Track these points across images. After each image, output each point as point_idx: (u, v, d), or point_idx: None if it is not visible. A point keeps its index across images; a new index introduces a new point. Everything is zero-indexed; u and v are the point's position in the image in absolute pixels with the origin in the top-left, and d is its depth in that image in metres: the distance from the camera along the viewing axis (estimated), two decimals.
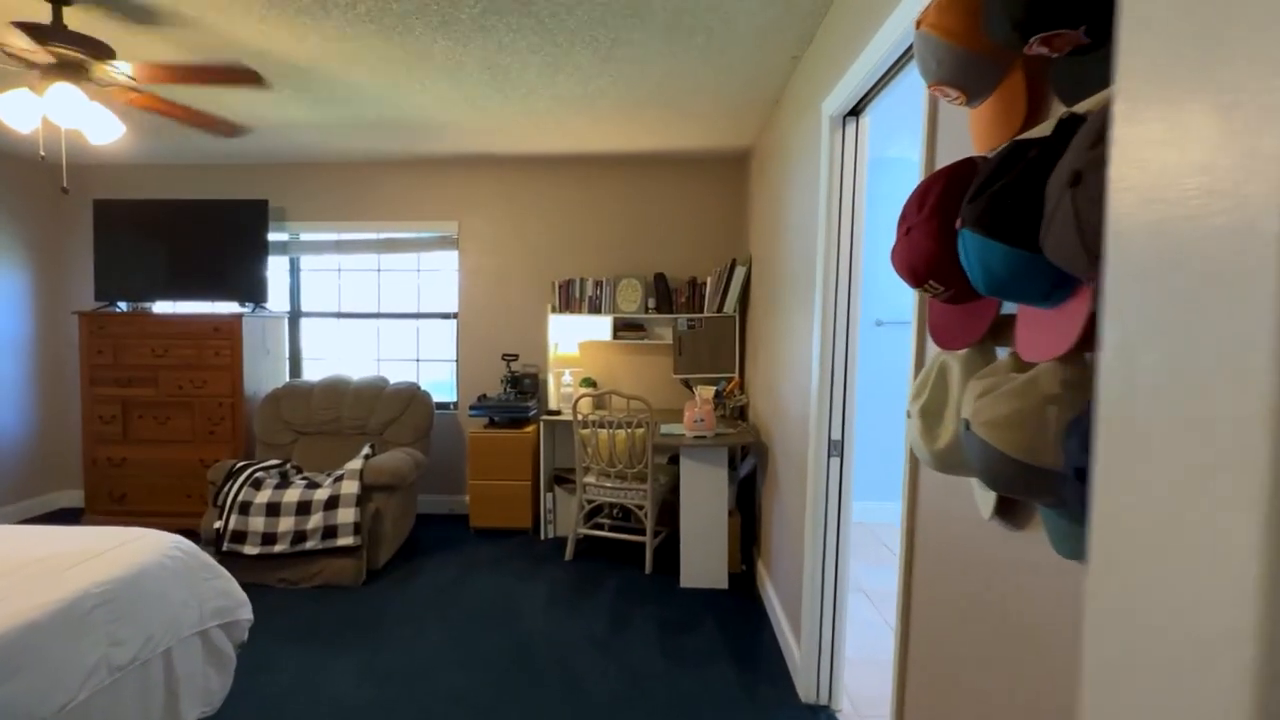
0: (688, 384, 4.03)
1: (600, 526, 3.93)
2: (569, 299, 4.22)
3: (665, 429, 3.46)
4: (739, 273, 3.97)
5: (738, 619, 2.92)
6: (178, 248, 4.12)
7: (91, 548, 1.70)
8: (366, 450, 3.58)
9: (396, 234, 4.45)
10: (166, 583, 1.70)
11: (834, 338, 2.27)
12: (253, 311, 4.06)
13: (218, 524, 3.15)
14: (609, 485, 3.53)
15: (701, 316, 4.12)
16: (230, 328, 3.92)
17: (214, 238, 4.10)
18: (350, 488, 3.25)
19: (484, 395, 4.15)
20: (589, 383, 4.30)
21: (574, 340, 4.31)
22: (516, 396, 4.13)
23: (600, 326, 4.24)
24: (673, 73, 2.79)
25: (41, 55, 1.94)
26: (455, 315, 4.50)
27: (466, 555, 3.67)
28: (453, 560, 3.59)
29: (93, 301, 4.26)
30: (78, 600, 1.47)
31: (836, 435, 2.28)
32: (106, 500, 3.99)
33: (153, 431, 3.96)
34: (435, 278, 4.58)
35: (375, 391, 3.97)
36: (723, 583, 3.25)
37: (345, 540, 3.16)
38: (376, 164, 4.41)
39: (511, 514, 3.99)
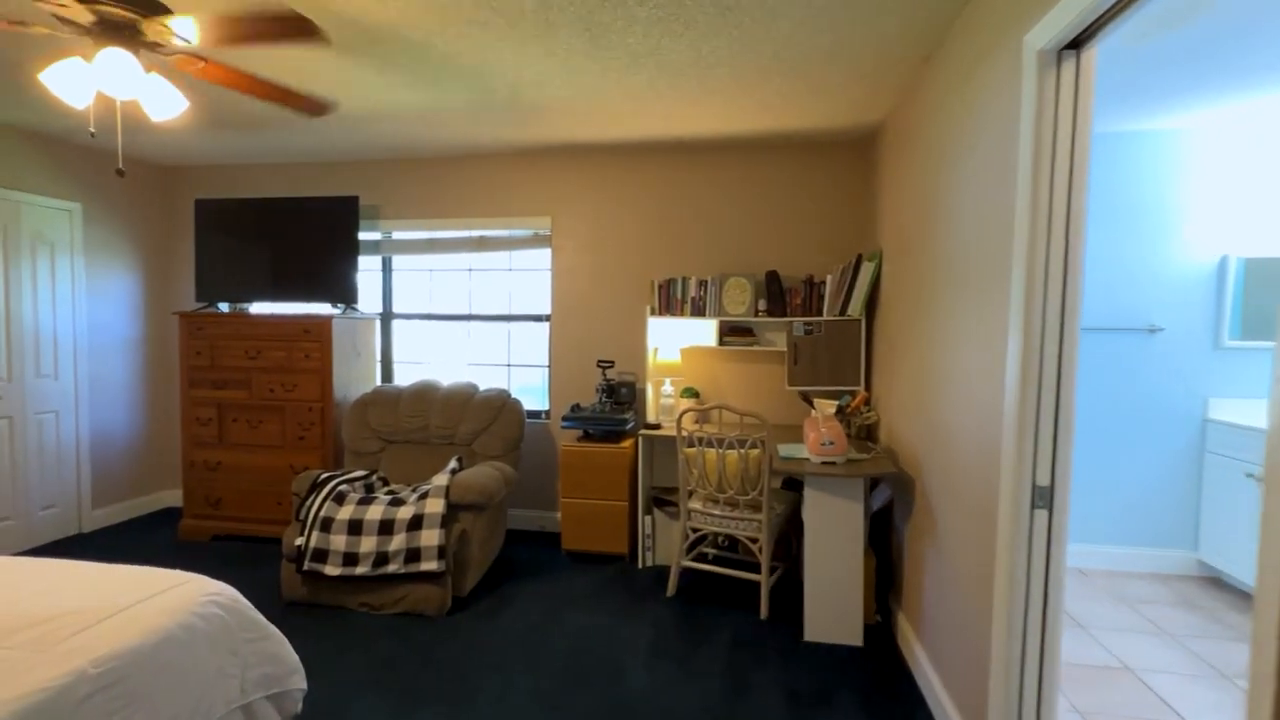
0: (806, 398, 3.51)
1: (704, 558, 3.47)
2: (670, 300, 3.79)
3: (783, 451, 2.96)
4: (866, 270, 3.41)
5: (883, 695, 2.37)
6: (270, 246, 4.03)
7: (108, 603, 1.41)
8: (454, 464, 3.30)
9: (488, 231, 4.18)
10: (197, 649, 1.39)
11: (1040, 351, 1.71)
12: (343, 313, 3.91)
13: (299, 541, 2.95)
14: (716, 513, 3.08)
15: (820, 320, 3.58)
16: (320, 329, 3.77)
17: (305, 236, 3.99)
18: (435, 506, 2.96)
19: (577, 405, 3.80)
20: (691, 393, 3.86)
21: (675, 346, 3.89)
22: (612, 407, 3.74)
23: (704, 331, 3.79)
24: (805, 25, 2.30)
25: (82, 13, 1.71)
26: (548, 318, 4.18)
27: (559, 585, 3.32)
28: (544, 590, 3.24)
29: (194, 302, 4.27)
30: (68, 688, 1.17)
31: (1043, 480, 1.71)
32: (202, 504, 3.94)
33: (246, 435, 3.88)
34: (527, 278, 4.29)
35: (464, 399, 3.70)
36: (857, 638, 2.71)
37: (429, 565, 2.88)
38: (467, 157, 4.16)
39: (607, 537, 3.60)
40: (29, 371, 3.79)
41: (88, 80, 1.78)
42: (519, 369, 4.34)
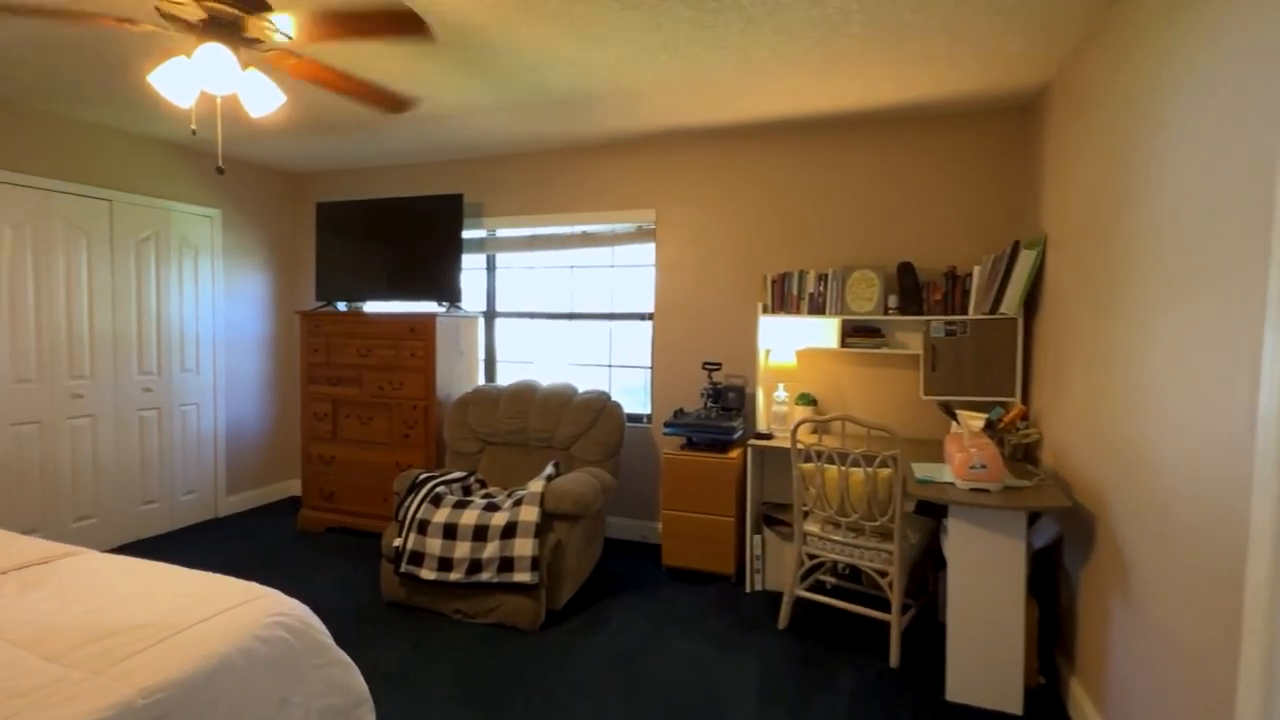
0: (947, 409, 3.03)
1: (821, 587, 3.09)
2: (784, 297, 3.43)
3: (920, 472, 2.53)
4: (1025, 259, 2.88)
5: None
6: (381, 246, 4.11)
7: (173, 619, 1.33)
8: (549, 470, 3.14)
9: (590, 226, 4.02)
10: (255, 678, 1.27)
11: None
12: (447, 311, 3.89)
13: (397, 541, 2.90)
14: (837, 539, 2.70)
15: (965, 319, 3.09)
16: (424, 328, 3.76)
17: (413, 235, 4.02)
18: (529, 515, 2.81)
19: (681, 410, 3.53)
20: (807, 400, 3.48)
21: (790, 347, 3.52)
22: (719, 413, 3.45)
23: (824, 331, 3.40)
24: None
25: (193, 10, 1.68)
26: (650, 316, 3.95)
27: (658, 604, 3.07)
28: (642, 610, 3.01)
29: (315, 301, 4.44)
30: None
31: None
32: (318, 496, 4.08)
33: (357, 431, 3.96)
34: (630, 274, 4.08)
35: (562, 401, 3.55)
36: (1014, 704, 2.24)
37: (522, 576, 2.73)
38: (570, 150, 4.02)
39: (711, 555, 3.31)
40: (174, 366, 4.08)
41: (190, 79, 1.75)
42: (620, 370, 4.15)
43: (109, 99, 3.20)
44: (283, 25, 1.93)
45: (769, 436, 3.30)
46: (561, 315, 4.23)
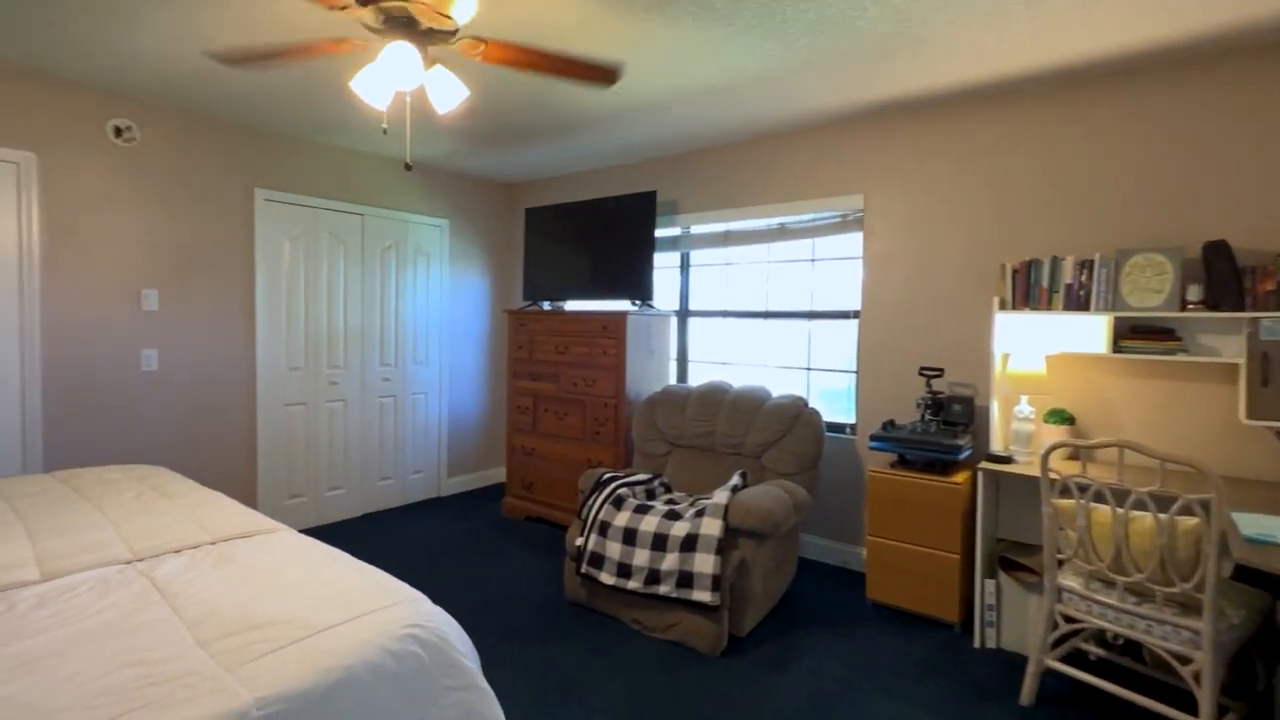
0: None
1: (1082, 659, 2.43)
2: (1029, 290, 2.78)
3: (1247, 526, 1.82)
4: None
5: None
6: (578, 246, 4.19)
7: (313, 619, 1.31)
8: (736, 480, 2.89)
9: (789, 218, 3.68)
10: (381, 697, 1.19)
11: None
12: (639, 309, 3.83)
13: (579, 541, 2.87)
14: (1110, 602, 2.06)
15: None
16: (616, 326, 3.73)
17: (608, 234, 4.03)
18: (711, 528, 2.59)
19: (891, 422, 3.04)
20: (1062, 418, 2.78)
21: (1037, 351, 2.85)
22: (939, 428, 2.90)
23: (1087, 331, 2.68)
24: None
25: (436, 17, 1.75)
26: (856, 314, 3.49)
27: (860, 646, 2.64)
28: (840, 649, 2.61)
29: (522, 301, 4.69)
30: None
31: None
32: (519, 486, 4.28)
33: (554, 426, 4.08)
34: (831, 269, 3.66)
35: (753, 405, 3.27)
36: None
37: (701, 595, 2.51)
38: (764, 138, 3.72)
39: (929, 596, 2.80)
40: (408, 359, 4.58)
41: (384, 79, 1.82)
42: (820, 373, 3.74)
43: (361, 129, 3.65)
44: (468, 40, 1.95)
45: (1008, 460, 2.68)
46: (756, 314, 3.95)
